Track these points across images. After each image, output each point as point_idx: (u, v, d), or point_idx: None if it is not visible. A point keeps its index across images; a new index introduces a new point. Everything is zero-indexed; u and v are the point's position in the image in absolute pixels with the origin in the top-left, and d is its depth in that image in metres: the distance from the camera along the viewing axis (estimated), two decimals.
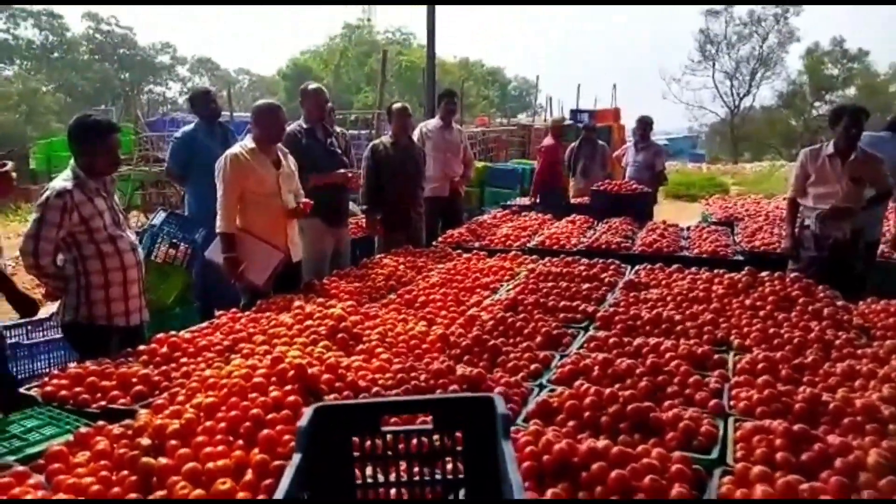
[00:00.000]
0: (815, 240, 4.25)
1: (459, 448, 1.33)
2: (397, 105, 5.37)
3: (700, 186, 17.23)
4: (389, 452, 1.32)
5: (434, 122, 6.29)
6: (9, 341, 4.08)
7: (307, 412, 1.26)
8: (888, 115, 6.17)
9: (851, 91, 34.13)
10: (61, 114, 31.52)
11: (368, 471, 1.34)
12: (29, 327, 4.41)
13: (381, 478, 1.33)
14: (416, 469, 1.34)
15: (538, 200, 7.85)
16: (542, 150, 8.30)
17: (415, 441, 1.33)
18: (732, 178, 20.91)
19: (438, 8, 9.72)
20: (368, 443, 1.30)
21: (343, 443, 1.30)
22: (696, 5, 37.99)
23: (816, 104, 34.28)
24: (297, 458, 1.14)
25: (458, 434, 1.32)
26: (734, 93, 37.52)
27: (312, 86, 4.80)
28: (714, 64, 37.34)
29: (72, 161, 3.02)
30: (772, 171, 22.13)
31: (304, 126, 4.64)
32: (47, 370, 3.81)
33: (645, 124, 7.77)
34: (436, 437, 1.32)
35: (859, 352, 2.62)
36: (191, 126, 5.08)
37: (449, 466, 1.38)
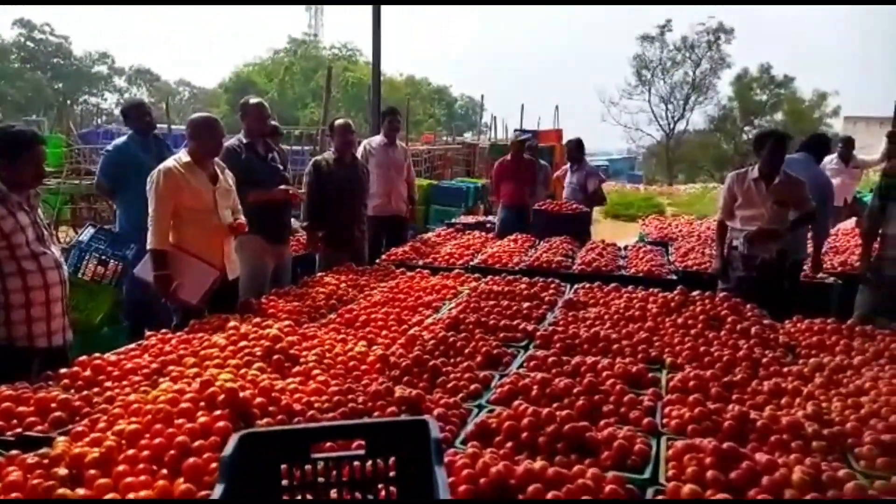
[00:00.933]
0: (744, 260, 4.42)
1: (393, 474, 1.30)
2: (340, 121, 5.32)
3: (638, 207, 17.75)
4: (321, 480, 1.27)
5: (378, 140, 6.27)
6: None
7: (232, 440, 1.21)
8: None
9: (779, 116, 35.92)
10: (13, 123, 29.96)
11: (299, 499, 1.29)
12: None
13: None
14: (348, 497, 1.30)
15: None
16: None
17: (347, 468, 1.30)
18: (668, 199, 21.64)
19: (385, 24, 9.71)
20: (298, 471, 1.26)
21: (272, 471, 1.25)
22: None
23: (746, 128, 35.91)
24: (219, 488, 1.09)
25: (392, 459, 1.29)
26: (669, 116, 38.98)
27: (254, 100, 4.71)
28: (650, 88, 38.73)
29: None
30: (704, 192, 23.00)
31: (245, 141, 4.54)
32: None
33: (575, 146, 7.96)
34: (368, 463, 1.29)
35: (785, 370, 2.73)
36: (123, 139, 4.90)
37: (383, 493, 1.35)
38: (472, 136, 25.23)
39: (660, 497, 1.74)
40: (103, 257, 4.43)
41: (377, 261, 5.25)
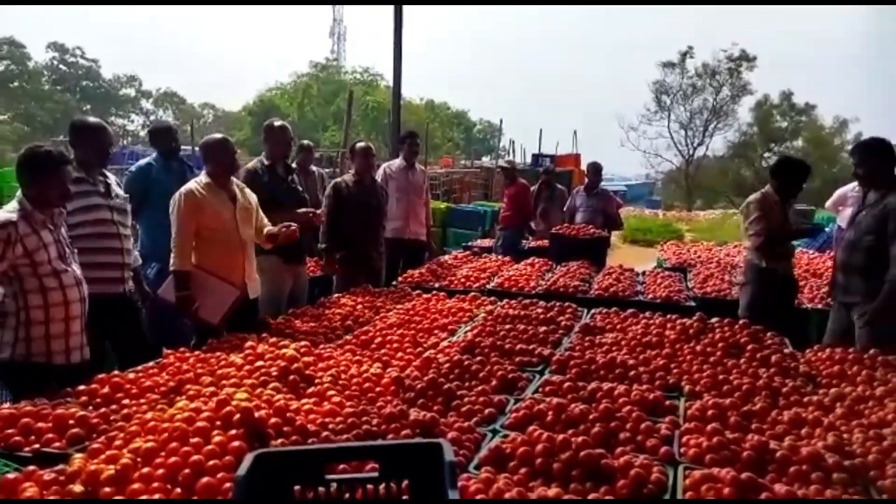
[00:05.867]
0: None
1: (406, 497, 1.29)
2: (360, 144, 5.39)
3: (656, 232, 17.65)
4: (333, 499, 1.27)
5: (397, 163, 6.32)
6: None
7: (246, 459, 1.21)
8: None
9: (799, 142, 35.69)
10: (18, 143, 30.74)
11: None
12: None
13: None
14: None
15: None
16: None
17: (361, 490, 1.29)
18: (687, 225, 21.51)
19: (406, 49, 9.87)
20: (311, 492, 1.26)
21: (285, 491, 1.26)
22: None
23: (766, 154, 35.69)
24: None
25: (406, 482, 1.28)
26: (688, 142, 38.87)
27: (277, 123, 4.79)
28: (669, 114, 38.71)
29: (19, 192, 2.93)
30: (724, 219, 22.83)
31: (266, 163, 4.61)
32: None
33: (595, 170, 7.99)
34: (381, 485, 1.28)
35: (805, 399, 2.68)
36: (146, 160, 5.00)
37: None
38: (491, 160, 25.37)
39: None
40: None
41: (393, 283, 5.27)
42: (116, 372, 2.86)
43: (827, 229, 8.86)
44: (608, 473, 1.97)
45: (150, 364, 3.06)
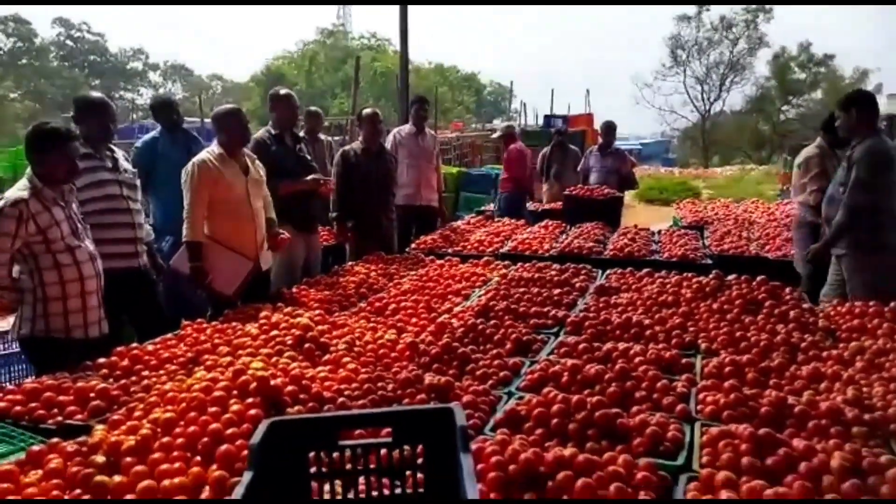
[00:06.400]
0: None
1: (420, 461, 1.30)
2: (367, 111, 5.33)
3: (672, 191, 17.40)
4: (348, 467, 1.28)
5: (407, 129, 6.26)
6: None
7: (261, 427, 1.22)
8: None
9: (818, 94, 34.85)
10: (30, 121, 30.84)
11: (326, 487, 1.30)
12: None
13: (339, 494, 1.29)
14: (376, 484, 1.30)
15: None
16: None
17: (374, 455, 1.30)
18: (704, 183, 21.19)
19: (412, 12, 9.71)
20: (326, 458, 1.26)
21: (300, 458, 1.26)
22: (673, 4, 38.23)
23: (784, 108, 34.94)
24: (248, 476, 1.10)
25: (420, 447, 1.29)
26: (704, 98, 38.11)
27: (283, 91, 4.74)
28: (685, 69, 37.89)
29: (28, 170, 2.94)
30: (742, 175, 22.48)
31: (273, 132, 4.58)
32: (7, 384, 3.70)
33: (606, 130, 7.86)
34: (395, 450, 1.29)
35: (824, 354, 2.65)
36: (151, 134, 4.99)
37: (411, 480, 1.35)
38: (502, 122, 25.07)
39: (693, 483, 1.70)
40: None
41: (407, 249, 5.26)
42: (135, 344, 2.90)
43: None
44: (624, 432, 1.97)
45: (169, 336, 3.09)
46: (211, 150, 3.83)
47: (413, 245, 5.40)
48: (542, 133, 14.02)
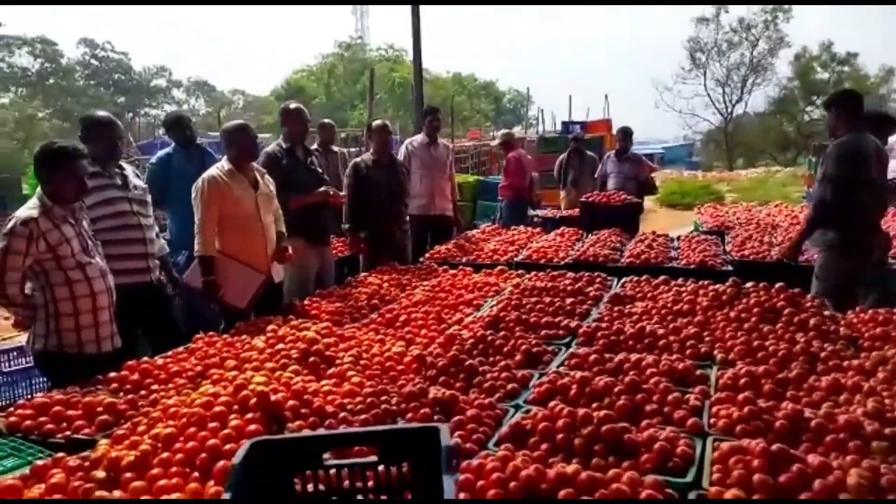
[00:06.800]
0: None
1: (408, 480, 1.26)
2: (377, 122, 5.34)
3: (695, 195, 17.17)
4: (334, 487, 1.25)
5: (419, 139, 6.25)
6: None
7: (242, 448, 1.19)
8: None
9: None
10: (58, 139, 31.58)
11: None
12: (12, 354, 4.35)
13: None
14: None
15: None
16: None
17: (361, 475, 1.27)
18: (728, 186, 20.86)
19: (428, 21, 9.73)
20: (311, 478, 1.23)
21: (286, 478, 1.24)
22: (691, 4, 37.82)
23: (808, 109, 34.31)
24: (226, 496, 1.08)
25: (405, 466, 1.25)
26: (726, 100, 37.59)
27: (293, 105, 4.76)
28: (705, 72, 37.44)
29: (38, 189, 2.98)
30: (767, 177, 22.09)
31: (284, 146, 4.60)
32: (29, 398, 3.75)
33: (625, 135, 7.77)
34: (381, 469, 1.25)
35: (845, 364, 2.55)
36: (166, 150, 5.04)
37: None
38: (521, 129, 24.99)
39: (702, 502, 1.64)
40: None
41: (421, 259, 5.23)
42: (146, 358, 2.91)
43: None
44: (632, 447, 1.91)
45: (180, 349, 3.10)
46: (220, 166, 3.86)
47: (427, 255, 5.38)
48: (560, 139, 13.94)
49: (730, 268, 4.54)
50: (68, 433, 2.26)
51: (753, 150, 35.46)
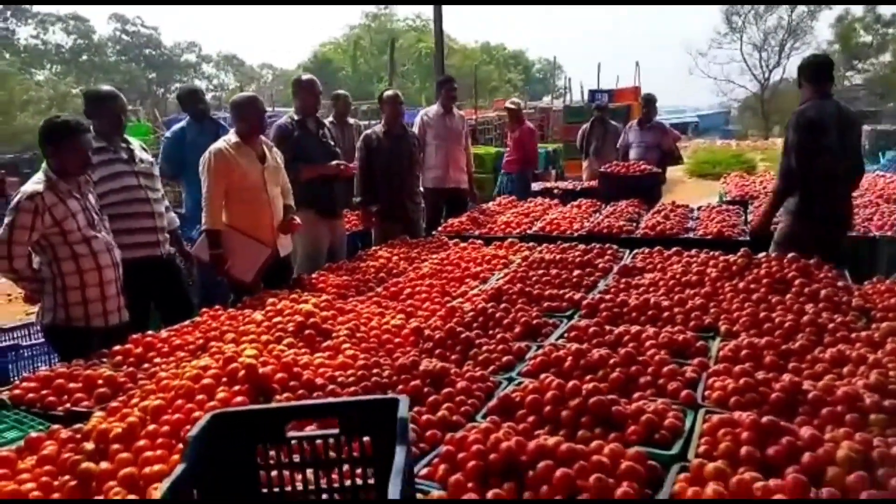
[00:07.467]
0: None
1: (369, 453, 1.26)
2: (388, 93, 5.28)
3: (726, 164, 16.75)
4: (296, 458, 1.25)
5: (434, 110, 6.17)
6: (9, 343, 4.16)
7: (202, 420, 1.20)
8: None
9: (887, 58, 32.73)
10: (61, 114, 32.18)
11: (275, 478, 1.27)
12: (33, 328, 4.46)
13: (287, 486, 1.27)
14: (324, 476, 1.27)
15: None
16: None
17: (322, 447, 1.27)
18: (762, 154, 20.28)
19: None
20: (272, 451, 1.24)
21: (246, 450, 1.24)
22: None
23: (849, 74, 33.01)
24: (179, 468, 1.08)
25: (366, 438, 1.24)
26: (763, 65, 36.39)
27: (304, 77, 4.74)
28: (741, 36, 36.23)
29: (44, 164, 3.02)
30: None
31: (296, 118, 4.58)
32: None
33: (648, 102, 7.57)
34: (343, 440, 1.25)
35: (853, 335, 2.47)
36: (181, 124, 5.07)
37: (360, 472, 1.31)
38: (551, 99, 24.57)
39: (683, 475, 1.61)
40: None
41: (433, 232, 5.21)
42: (150, 332, 2.96)
43: None
44: (620, 420, 1.88)
45: (186, 323, 3.14)
46: (227, 139, 3.86)
47: (440, 228, 5.35)
48: (586, 109, 13.65)
49: (747, 238, 4.41)
50: (68, 406, 2.30)
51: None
